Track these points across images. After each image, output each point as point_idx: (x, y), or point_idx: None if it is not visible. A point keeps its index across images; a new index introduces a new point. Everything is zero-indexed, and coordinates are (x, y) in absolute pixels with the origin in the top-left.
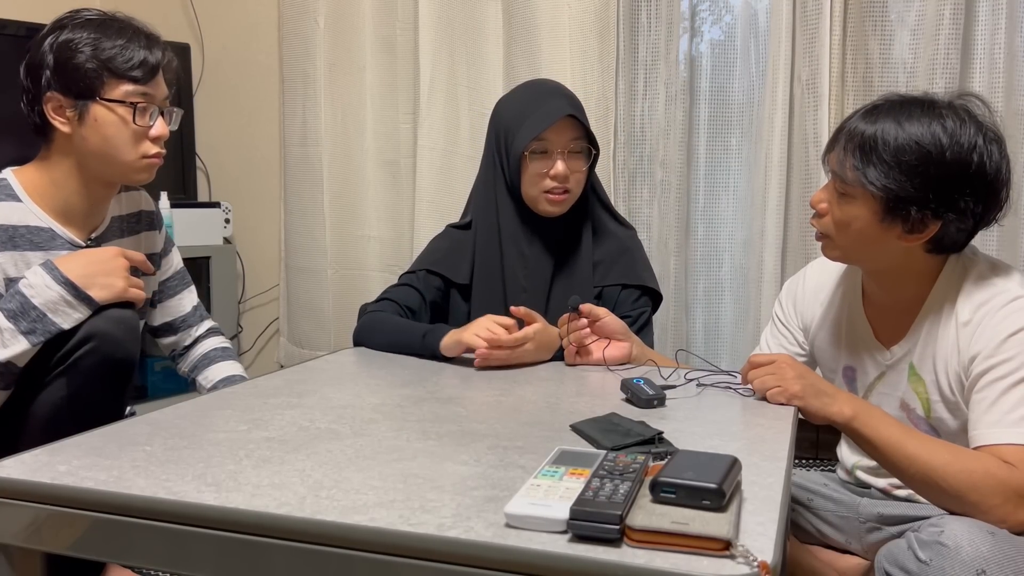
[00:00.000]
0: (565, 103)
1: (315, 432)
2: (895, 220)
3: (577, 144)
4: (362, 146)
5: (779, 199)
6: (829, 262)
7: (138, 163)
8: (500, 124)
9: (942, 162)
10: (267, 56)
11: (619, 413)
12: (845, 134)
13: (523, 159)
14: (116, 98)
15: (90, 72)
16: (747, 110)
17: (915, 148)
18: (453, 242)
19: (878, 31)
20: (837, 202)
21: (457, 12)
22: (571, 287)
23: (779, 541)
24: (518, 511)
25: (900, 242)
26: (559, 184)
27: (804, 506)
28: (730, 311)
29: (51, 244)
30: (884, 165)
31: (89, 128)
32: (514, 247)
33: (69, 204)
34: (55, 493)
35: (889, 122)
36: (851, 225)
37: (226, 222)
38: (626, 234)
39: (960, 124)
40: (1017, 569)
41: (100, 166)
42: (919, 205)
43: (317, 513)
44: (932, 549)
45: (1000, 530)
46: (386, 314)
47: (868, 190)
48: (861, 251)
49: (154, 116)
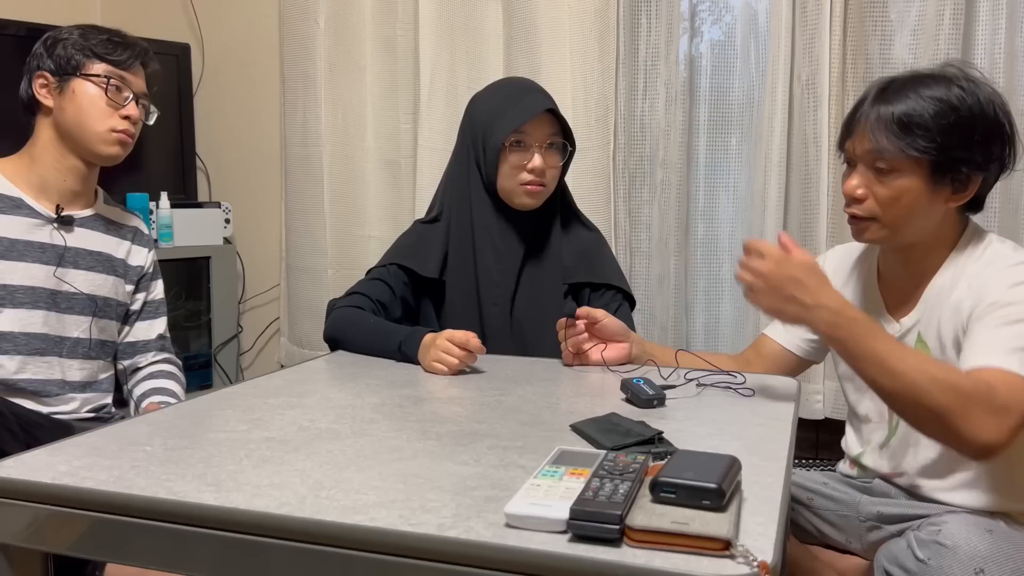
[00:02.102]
0: (544, 99)
1: (315, 432)
2: (943, 183)
3: (554, 139)
4: (362, 146)
5: (779, 199)
6: (848, 249)
7: (107, 135)
8: (476, 118)
9: (972, 116)
10: (267, 56)
11: (619, 413)
12: (867, 118)
13: (501, 151)
14: (94, 73)
15: (74, 53)
16: (747, 110)
17: (947, 111)
18: (421, 237)
19: (878, 31)
20: (879, 181)
21: (457, 12)
22: (540, 281)
23: (779, 541)
24: (518, 511)
25: (946, 205)
26: (536, 177)
27: (804, 506)
28: (730, 311)
29: (15, 212)
30: (924, 131)
31: (67, 99)
32: (487, 241)
33: (44, 179)
34: (55, 493)
35: (910, 95)
36: (901, 199)
37: (226, 222)
38: (590, 236)
39: (970, 83)
40: (1016, 567)
41: (73, 136)
42: (966, 162)
43: (317, 513)
44: (930, 548)
45: (998, 528)
46: (360, 312)
47: (917, 159)
48: (909, 224)
49: (128, 99)
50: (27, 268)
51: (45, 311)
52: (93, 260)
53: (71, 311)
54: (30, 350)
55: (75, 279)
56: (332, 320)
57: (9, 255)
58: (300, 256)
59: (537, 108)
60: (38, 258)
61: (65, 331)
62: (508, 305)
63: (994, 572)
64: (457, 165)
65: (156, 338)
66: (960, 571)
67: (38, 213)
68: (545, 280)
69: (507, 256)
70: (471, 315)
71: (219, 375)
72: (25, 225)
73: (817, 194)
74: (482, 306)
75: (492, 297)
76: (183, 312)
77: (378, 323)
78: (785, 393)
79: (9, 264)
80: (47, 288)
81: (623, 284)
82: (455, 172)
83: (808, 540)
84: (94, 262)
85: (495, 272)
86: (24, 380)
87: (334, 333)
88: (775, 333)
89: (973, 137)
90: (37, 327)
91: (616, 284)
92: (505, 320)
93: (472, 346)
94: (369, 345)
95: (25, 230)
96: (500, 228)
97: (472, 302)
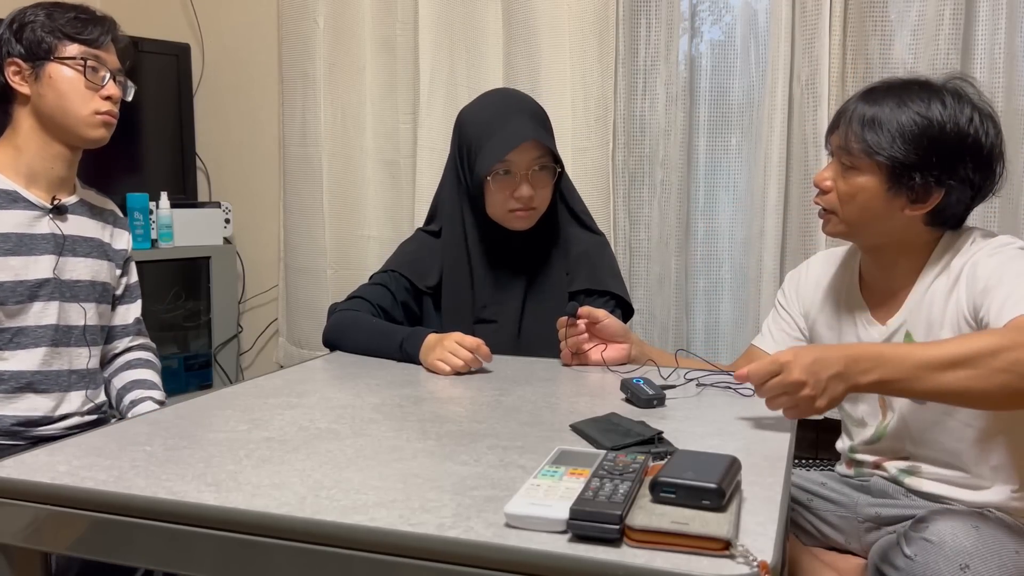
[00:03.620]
0: (529, 125)
1: (315, 432)
2: (901, 189)
3: (541, 162)
4: (362, 146)
5: (779, 199)
6: (830, 255)
7: (91, 118)
8: (464, 139)
9: (943, 133)
10: (267, 56)
11: (619, 413)
12: (848, 114)
13: (486, 182)
14: (68, 56)
15: (44, 36)
16: (747, 110)
17: (918, 121)
18: (422, 247)
19: (878, 31)
20: (843, 176)
21: (457, 12)
22: (543, 298)
23: (779, 541)
24: (518, 511)
25: (904, 213)
26: (524, 204)
27: (804, 506)
28: (730, 311)
29: (13, 205)
30: (889, 136)
31: (45, 85)
32: (482, 258)
33: (33, 168)
34: (55, 493)
35: (891, 101)
36: (857, 197)
37: (226, 222)
38: (594, 240)
39: (956, 101)
40: (1001, 563)
41: (56, 122)
42: (923, 172)
43: (317, 513)
44: (917, 545)
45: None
46: (360, 314)
47: (875, 160)
48: (865, 224)
49: (106, 79)
50: (37, 261)
51: (57, 302)
52: (88, 247)
53: (76, 299)
54: (46, 342)
55: (77, 267)
56: (331, 323)
57: (20, 250)
58: (299, 256)
59: (519, 139)
60: (44, 250)
61: (73, 320)
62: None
63: (979, 568)
64: (448, 181)
65: (133, 322)
66: (946, 567)
67: (34, 204)
68: (548, 296)
69: (503, 273)
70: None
71: (219, 375)
72: (26, 218)
73: None
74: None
75: (490, 313)
76: (183, 312)
77: (378, 324)
78: None
79: (22, 259)
80: (56, 279)
81: (621, 291)
82: (448, 186)
83: (808, 541)
84: (89, 248)
85: (491, 287)
86: (40, 374)
87: (333, 335)
88: (763, 343)
89: (937, 152)
90: (51, 319)
91: (613, 291)
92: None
93: (481, 353)
94: (369, 345)
95: (27, 223)
96: (495, 247)
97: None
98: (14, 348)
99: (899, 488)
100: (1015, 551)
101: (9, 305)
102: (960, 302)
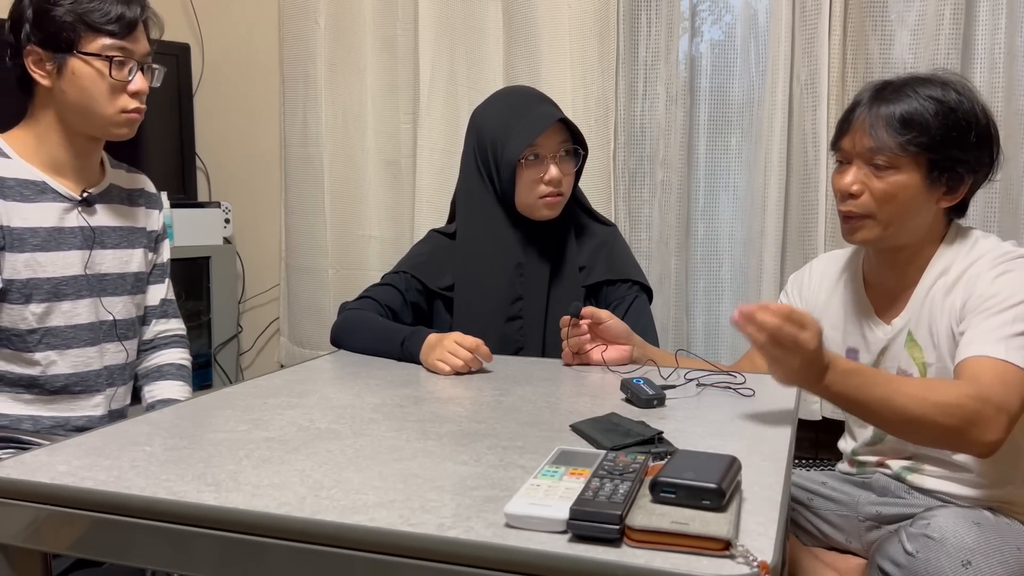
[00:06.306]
0: (552, 108)
1: (315, 432)
2: (938, 182)
3: (566, 146)
4: (362, 146)
5: (779, 199)
6: (832, 257)
7: (117, 117)
8: (484, 135)
9: (967, 120)
10: (267, 56)
11: (619, 413)
12: (866, 117)
13: (517, 167)
14: (93, 51)
15: (67, 25)
16: (747, 110)
17: (947, 111)
18: (436, 248)
19: (878, 31)
20: (876, 177)
21: (457, 12)
22: (563, 290)
23: (779, 541)
24: (518, 511)
25: (938, 205)
26: (554, 188)
27: (804, 506)
28: (730, 311)
29: (41, 197)
30: (927, 129)
31: (67, 81)
32: (508, 257)
33: (55, 157)
34: (55, 493)
35: (910, 95)
36: (898, 196)
37: (226, 222)
38: (606, 231)
39: (962, 89)
40: (1003, 558)
41: (80, 119)
42: (961, 162)
43: (317, 513)
44: (919, 541)
45: (986, 521)
46: (367, 313)
47: (917, 155)
48: (903, 222)
49: (133, 71)
50: (65, 257)
51: (88, 299)
52: (119, 237)
53: (105, 293)
54: (78, 342)
55: (106, 259)
56: (339, 322)
57: (48, 246)
58: (300, 256)
59: (548, 119)
60: (74, 244)
61: (105, 315)
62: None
63: (981, 564)
64: (467, 181)
65: (159, 303)
66: (948, 563)
67: (63, 196)
68: (568, 291)
69: (531, 270)
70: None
71: (219, 375)
72: (56, 211)
73: (816, 194)
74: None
75: (514, 311)
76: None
77: (383, 323)
78: (785, 393)
79: (50, 256)
80: (87, 274)
81: (640, 277)
82: (466, 189)
83: (808, 540)
84: (119, 238)
85: (518, 287)
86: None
87: (340, 334)
88: None
89: (969, 139)
90: (83, 317)
91: (633, 277)
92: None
93: (481, 353)
94: (373, 344)
95: (57, 216)
96: (522, 243)
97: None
98: (44, 349)
99: (901, 485)
100: (1017, 548)
101: (36, 303)
102: (954, 308)
